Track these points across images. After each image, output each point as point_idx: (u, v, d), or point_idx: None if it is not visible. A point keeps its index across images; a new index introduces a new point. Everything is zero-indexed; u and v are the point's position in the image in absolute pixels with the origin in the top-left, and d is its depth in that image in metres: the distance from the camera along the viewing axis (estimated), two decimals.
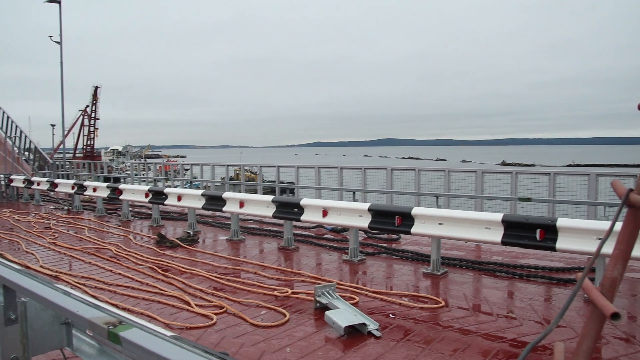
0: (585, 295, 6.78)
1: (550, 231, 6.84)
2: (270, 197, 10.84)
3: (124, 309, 5.95)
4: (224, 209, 11.27)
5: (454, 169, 13.44)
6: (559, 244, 6.70)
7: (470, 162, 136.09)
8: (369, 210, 8.75)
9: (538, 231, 6.89)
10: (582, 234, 6.64)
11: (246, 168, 22.59)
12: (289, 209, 10.09)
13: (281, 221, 10.86)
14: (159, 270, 8.59)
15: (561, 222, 6.70)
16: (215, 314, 6.40)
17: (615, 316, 1.95)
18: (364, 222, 8.78)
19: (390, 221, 8.48)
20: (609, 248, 2.12)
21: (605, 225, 6.50)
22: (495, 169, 13.21)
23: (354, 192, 11.73)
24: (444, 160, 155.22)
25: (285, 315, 6.30)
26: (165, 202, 12.94)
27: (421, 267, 8.63)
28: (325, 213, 9.35)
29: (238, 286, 7.62)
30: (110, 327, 2.21)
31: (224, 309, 6.61)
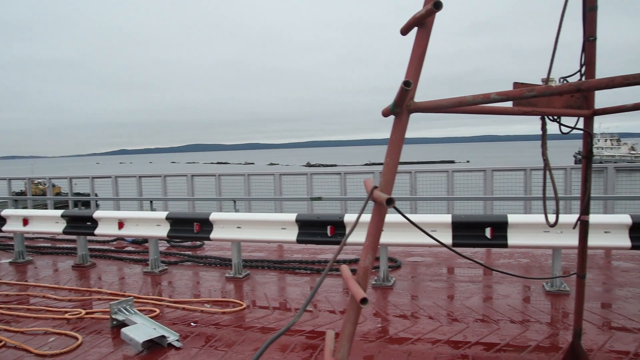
0: (373, 282, 7.48)
1: (338, 227, 7.44)
2: (59, 212, 9.89)
3: None
4: (4, 228, 9.98)
5: (255, 173, 13.80)
6: (348, 239, 7.30)
7: (277, 164, 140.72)
8: (167, 218, 8.52)
9: (329, 227, 7.44)
10: (362, 228, 7.29)
11: (38, 181, 20.26)
12: (81, 223, 9.32)
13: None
14: None
15: (347, 217, 7.32)
16: None
17: (363, 301, 2.19)
18: (163, 231, 8.52)
19: (190, 228, 8.37)
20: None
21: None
22: (293, 171, 13.87)
23: (151, 202, 11.32)
24: (252, 163, 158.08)
25: (77, 339, 5.81)
26: None
27: (225, 271, 8.68)
28: (121, 225, 8.85)
29: (22, 314, 6.81)
30: None
31: (3, 342, 5.86)
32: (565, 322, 5.88)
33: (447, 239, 7.00)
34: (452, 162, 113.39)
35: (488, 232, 6.96)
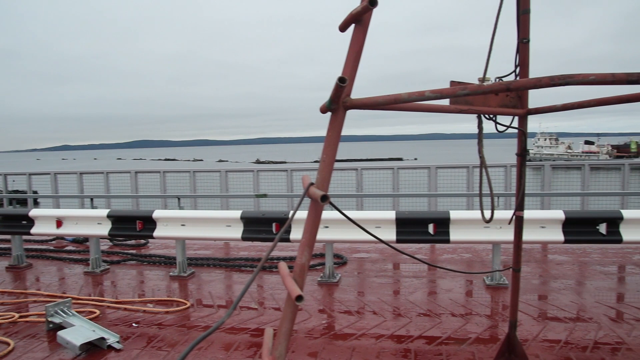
0: (319, 279, 7.49)
1: (284, 224, 7.43)
2: None
3: None
4: None
5: (201, 170, 13.59)
6: (292, 235, 7.31)
7: (227, 161, 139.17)
8: (109, 216, 8.26)
9: (274, 225, 7.42)
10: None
11: None
12: (15, 222, 8.90)
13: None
14: None
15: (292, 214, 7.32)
16: None
17: (299, 298, 2.18)
18: (104, 229, 8.25)
19: (132, 226, 8.15)
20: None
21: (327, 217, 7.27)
22: (239, 168, 13.76)
23: (91, 199, 10.96)
24: (201, 160, 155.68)
25: (9, 345, 5.55)
26: None
27: (170, 270, 8.51)
28: (59, 223, 8.51)
29: None
30: None
31: None
32: (504, 314, 6.08)
33: (391, 235, 7.11)
34: (400, 159, 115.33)
35: (431, 228, 7.10)
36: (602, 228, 6.91)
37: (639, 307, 6.18)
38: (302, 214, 7.41)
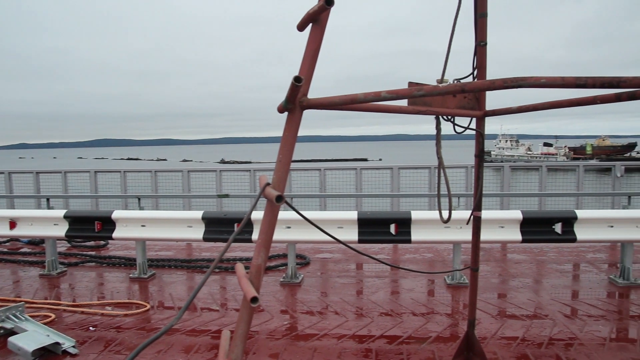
0: (282, 279, 7.48)
1: (246, 224, 7.37)
2: None
3: None
4: None
5: (163, 169, 13.37)
6: (254, 236, 7.27)
7: (191, 160, 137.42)
8: (66, 217, 8.03)
9: (235, 225, 7.36)
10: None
11: None
12: None
13: None
14: None
15: (254, 215, 7.27)
16: None
17: (254, 300, 2.16)
18: (61, 230, 8.01)
19: (91, 227, 7.95)
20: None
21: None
22: (202, 168, 13.59)
23: (47, 199, 10.64)
24: (165, 160, 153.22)
25: None
26: None
27: (130, 272, 8.33)
28: (13, 224, 8.22)
29: None
30: None
31: None
32: (464, 313, 6.18)
33: (354, 235, 7.14)
34: (366, 159, 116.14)
35: (393, 229, 7.16)
36: (558, 228, 7.11)
37: (592, 304, 6.38)
38: (260, 214, 7.39)
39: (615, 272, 7.71)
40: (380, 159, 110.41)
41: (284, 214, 6.91)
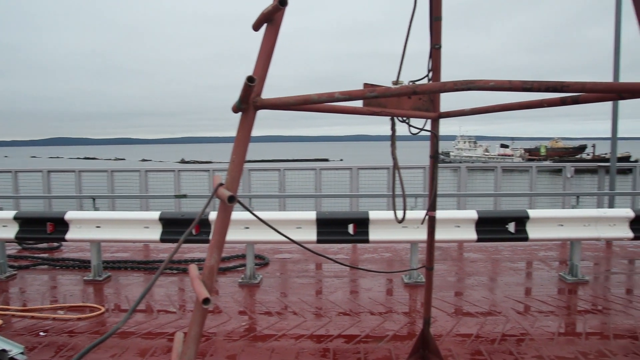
0: (240, 280, 7.42)
1: (204, 225, 7.30)
2: None
3: None
4: None
5: (120, 169, 13.09)
6: (211, 236, 7.19)
7: (151, 160, 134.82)
8: (15, 218, 7.76)
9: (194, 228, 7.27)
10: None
11: None
12: None
13: None
14: None
15: (212, 215, 7.21)
16: None
17: (206, 301, 2.14)
18: (10, 232, 7.73)
19: (43, 229, 7.69)
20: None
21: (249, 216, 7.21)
22: (161, 168, 13.38)
23: None
24: (123, 159, 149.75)
25: None
26: None
27: (85, 274, 8.12)
28: None
29: None
30: None
31: None
32: (421, 311, 6.28)
33: (312, 235, 7.16)
34: (327, 160, 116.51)
35: (351, 229, 7.21)
36: (511, 227, 7.31)
37: (543, 300, 6.59)
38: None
39: (565, 270, 7.99)
40: (341, 159, 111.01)
41: (243, 215, 6.87)
